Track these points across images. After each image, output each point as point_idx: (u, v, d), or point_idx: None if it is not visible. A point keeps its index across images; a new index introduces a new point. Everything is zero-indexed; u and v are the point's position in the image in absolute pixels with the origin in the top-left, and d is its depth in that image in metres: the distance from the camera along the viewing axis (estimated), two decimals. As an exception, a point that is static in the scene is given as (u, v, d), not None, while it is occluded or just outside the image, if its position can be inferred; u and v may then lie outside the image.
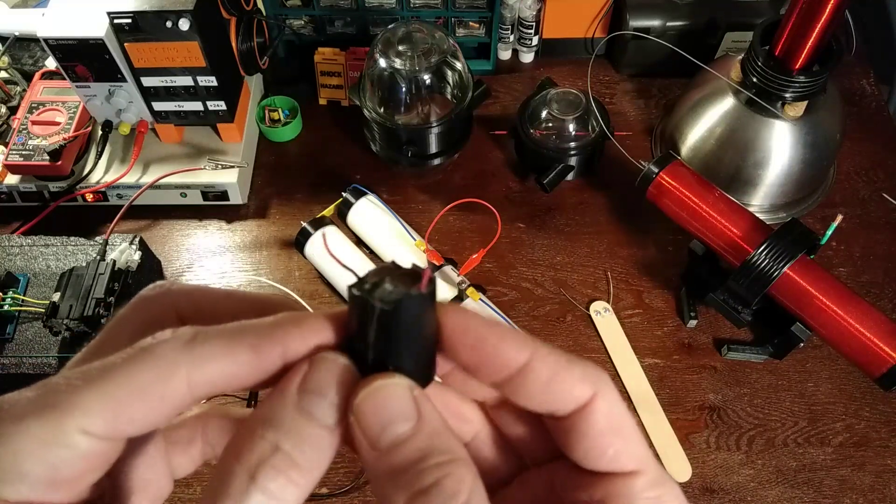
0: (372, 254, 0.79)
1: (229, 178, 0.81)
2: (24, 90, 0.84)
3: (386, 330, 0.20)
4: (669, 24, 0.88)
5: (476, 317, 0.21)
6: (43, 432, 0.18)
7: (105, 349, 0.21)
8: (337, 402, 0.20)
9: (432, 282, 0.20)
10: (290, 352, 0.20)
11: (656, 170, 0.72)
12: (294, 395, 0.19)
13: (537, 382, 0.21)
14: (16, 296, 0.70)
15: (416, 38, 0.77)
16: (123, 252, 0.72)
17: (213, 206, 0.84)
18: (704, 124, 0.79)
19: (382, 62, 0.77)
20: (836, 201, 0.84)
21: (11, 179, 0.80)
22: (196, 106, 0.77)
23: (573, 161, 0.82)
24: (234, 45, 0.79)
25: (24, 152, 0.77)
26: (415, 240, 0.76)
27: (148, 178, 0.81)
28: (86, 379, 0.19)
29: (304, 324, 0.21)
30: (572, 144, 0.81)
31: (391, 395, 0.20)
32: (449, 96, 0.82)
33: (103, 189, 0.80)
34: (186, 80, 0.74)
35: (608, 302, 0.77)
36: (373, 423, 0.19)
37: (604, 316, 0.76)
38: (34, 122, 0.79)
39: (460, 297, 0.72)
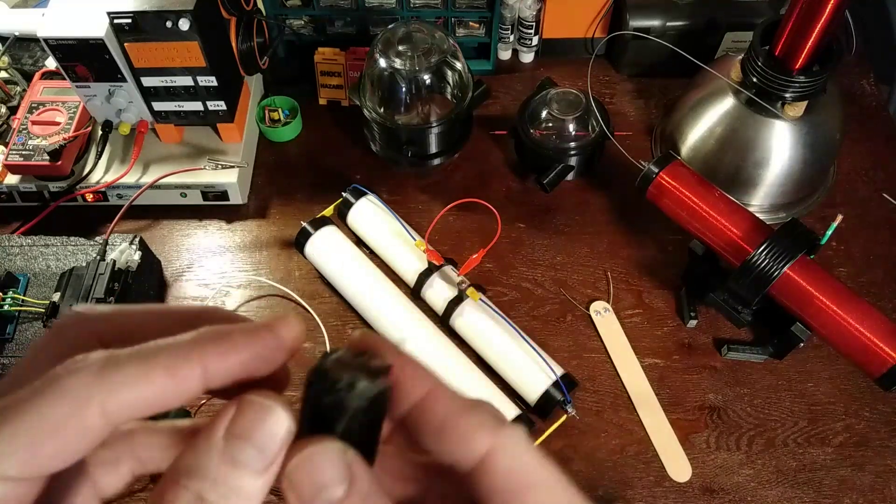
0: (372, 254, 0.79)
1: (229, 178, 0.81)
2: (24, 90, 0.84)
3: (351, 421, 0.20)
4: (669, 24, 0.88)
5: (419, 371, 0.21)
6: None
7: (19, 384, 0.19)
8: (266, 448, 0.19)
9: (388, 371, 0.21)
10: (210, 372, 0.19)
11: (656, 170, 0.72)
12: (220, 441, 0.18)
13: (431, 423, 0.20)
14: (16, 296, 0.70)
15: (416, 38, 0.77)
16: (123, 252, 0.72)
17: (213, 206, 0.84)
18: (704, 124, 0.79)
19: (382, 62, 0.77)
20: (836, 201, 0.84)
21: (11, 179, 0.80)
22: (196, 106, 0.77)
23: (573, 161, 0.82)
24: (234, 45, 0.79)
25: (24, 152, 0.77)
26: (415, 240, 0.76)
27: (148, 178, 0.81)
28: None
29: (225, 341, 0.19)
30: (572, 144, 0.81)
31: (325, 460, 0.19)
32: (449, 96, 0.82)
33: (103, 189, 0.80)
34: (186, 80, 0.74)
35: (608, 302, 0.77)
36: (307, 489, 0.19)
37: (604, 316, 0.76)
38: (34, 122, 0.79)
39: (460, 297, 0.72)
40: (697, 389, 0.73)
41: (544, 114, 0.83)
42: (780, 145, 0.76)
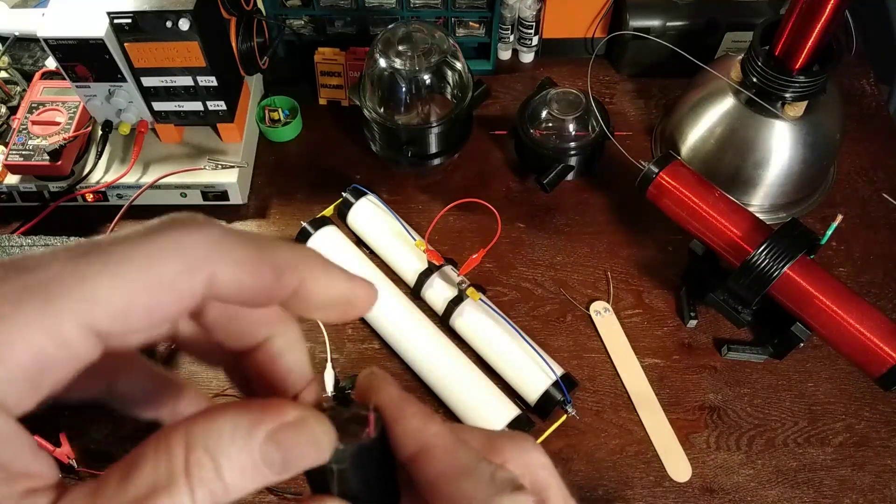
0: (372, 254, 0.79)
1: (229, 178, 0.81)
2: (24, 90, 0.84)
3: (341, 480, 0.20)
4: (669, 24, 0.88)
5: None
6: (41, 320, 0.16)
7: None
8: (293, 466, 0.18)
9: (378, 421, 0.20)
10: (305, 289, 0.19)
11: (656, 170, 0.72)
12: (260, 434, 0.18)
13: (424, 481, 0.20)
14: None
15: (416, 38, 0.77)
16: (123, 252, 0.71)
17: (213, 206, 0.84)
18: (704, 124, 0.79)
19: (382, 62, 0.77)
20: (836, 201, 0.84)
21: (11, 179, 0.80)
22: (196, 106, 0.77)
23: (573, 161, 0.82)
24: (234, 45, 0.79)
25: (24, 152, 0.77)
26: (415, 240, 0.76)
27: (148, 178, 0.81)
28: (95, 260, 0.16)
29: (328, 269, 0.20)
30: (572, 144, 0.81)
31: None
32: (449, 96, 0.82)
33: (103, 189, 0.80)
34: (186, 80, 0.74)
35: (608, 302, 0.77)
36: None
37: (604, 316, 0.76)
38: (34, 122, 0.79)
39: (460, 297, 0.72)
40: (697, 389, 0.73)
41: (544, 114, 0.83)
42: (780, 145, 0.76)
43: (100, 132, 0.80)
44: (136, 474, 0.17)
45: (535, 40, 0.94)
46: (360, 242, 0.80)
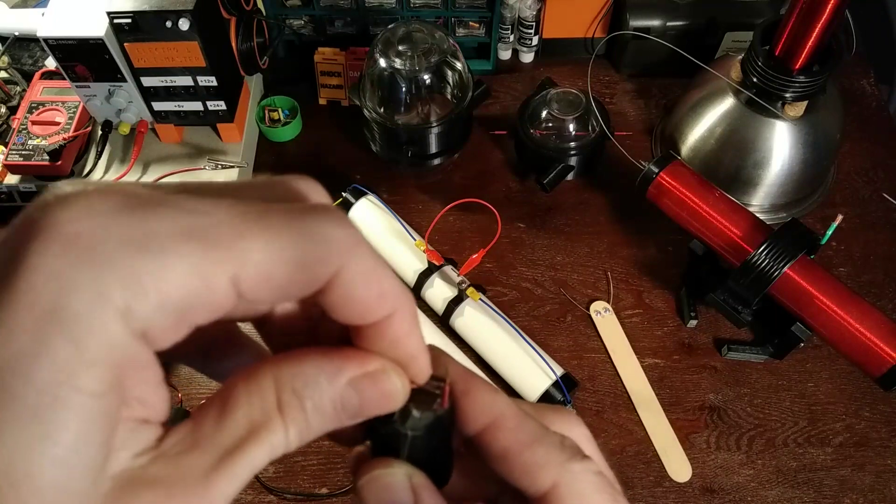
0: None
1: (229, 178, 0.81)
2: (24, 90, 0.84)
3: (412, 448, 0.21)
4: (669, 24, 0.88)
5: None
6: (200, 264, 0.16)
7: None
8: (368, 409, 0.20)
9: (450, 394, 0.21)
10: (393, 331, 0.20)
11: (656, 170, 0.72)
12: (344, 377, 0.19)
13: (496, 452, 0.21)
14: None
15: (416, 38, 0.77)
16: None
17: (213, 206, 0.84)
18: (704, 124, 0.79)
19: (382, 62, 0.77)
20: (836, 201, 0.84)
21: (11, 179, 0.80)
22: (196, 106, 0.77)
23: (573, 161, 0.82)
24: (234, 45, 0.79)
25: (23, 152, 0.77)
26: (415, 240, 0.76)
27: (148, 178, 0.81)
28: (247, 221, 0.17)
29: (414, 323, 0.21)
30: (572, 144, 0.81)
31: (391, 483, 0.20)
32: (449, 96, 0.82)
33: (103, 189, 0.80)
34: (186, 80, 0.74)
35: (608, 302, 0.77)
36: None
37: (604, 316, 0.76)
38: (34, 122, 0.79)
39: (460, 297, 0.72)
40: (697, 389, 0.73)
41: (544, 114, 0.83)
42: (780, 145, 0.76)
43: (100, 132, 0.80)
44: (230, 413, 0.18)
45: (535, 40, 0.94)
46: (360, 242, 0.80)
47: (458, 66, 0.79)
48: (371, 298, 0.19)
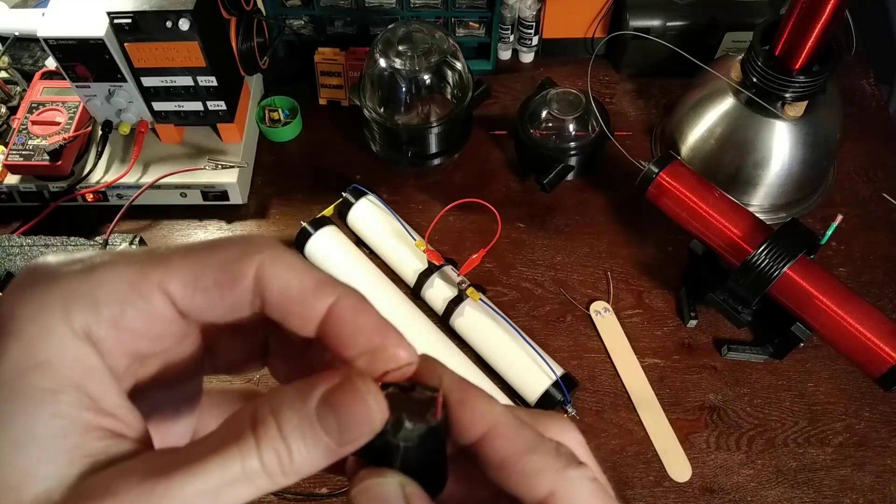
0: (372, 254, 0.79)
1: (229, 178, 0.81)
2: (24, 90, 0.84)
3: (405, 458, 0.21)
4: (669, 24, 0.88)
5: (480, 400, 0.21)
6: (128, 274, 0.19)
7: None
8: (349, 432, 0.19)
9: (443, 404, 0.21)
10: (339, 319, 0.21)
11: (656, 170, 0.72)
12: (314, 398, 0.19)
13: (492, 460, 0.21)
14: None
15: (416, 38, 0.77)
16: (123, 252, 0.71)
17: (213, 206, 0.84)
18: (704, 124, 0.79)
19: (382, 62, 0.77)
20: (836, 201, 0.84)
21: (11, 179, 0.80)
22: (196, 106, 0.77)
23: (573, 161, 0.82)
24: (234, 45, 0.79)
25: (24, 152, 0.77)
26: (415, 240, 0.76)
27: (148, 178, 0.81)
28: (173, 249, 0.20)
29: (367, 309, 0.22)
30: (572, 144, 0.81)
31: (384, 493, 0.20)
32: (449, 96, 0.82)
33: (103, 189, 0.80)
34: (186, 80, 0.74)
35: (608, 302, 0.77)
36: None
37: (604, 316, 0.76)
38: (34, 122, 0.79)
39: (460, 297, 0.72)
40: (697, 389, 0.73)
41: (544, 114, 0.83)
42: (780, 145, 0.76)
43: (100, 132, 0.80)
44: (212, 434, 0.19)
45: (535, 40, 0.94)
46: (360, 242, 0.80)
47: (458, 66, 0.79)
48: (307, 288, 0.20)
